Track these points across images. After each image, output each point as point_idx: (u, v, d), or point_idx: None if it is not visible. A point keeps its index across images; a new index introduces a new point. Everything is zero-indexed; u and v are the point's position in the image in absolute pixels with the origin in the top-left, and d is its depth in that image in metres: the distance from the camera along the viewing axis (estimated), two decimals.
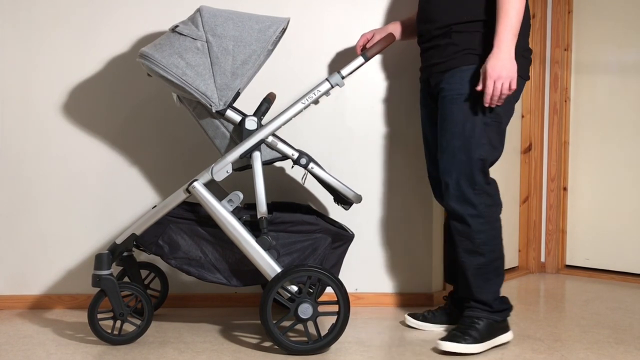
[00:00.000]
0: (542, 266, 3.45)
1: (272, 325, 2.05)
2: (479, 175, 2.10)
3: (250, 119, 2.13)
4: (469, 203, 2.10)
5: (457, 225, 2.14)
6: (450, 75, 2.11)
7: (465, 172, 2.09)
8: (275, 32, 2.09)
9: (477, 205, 2.10)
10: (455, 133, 2.09)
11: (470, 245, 2.13)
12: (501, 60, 1.98)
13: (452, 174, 2.11)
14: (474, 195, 2.10)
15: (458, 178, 2.10)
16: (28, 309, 2.60)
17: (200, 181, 2.11)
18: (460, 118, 2.08)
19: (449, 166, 2.11)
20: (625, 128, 3.25)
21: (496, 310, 2.16)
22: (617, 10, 3.26)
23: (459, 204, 2.11)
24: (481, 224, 2.11)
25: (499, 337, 2.16)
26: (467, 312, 2.18)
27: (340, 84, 2.16)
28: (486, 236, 2.12)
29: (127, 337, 2.16)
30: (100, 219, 2.60)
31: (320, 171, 2.17)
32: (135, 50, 2.57)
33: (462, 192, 2.10)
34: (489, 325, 2.14)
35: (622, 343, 2.22)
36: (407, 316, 2.42)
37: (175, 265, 2.16)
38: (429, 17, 2.18)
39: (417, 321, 2.38)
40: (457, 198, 2.11)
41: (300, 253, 2.16)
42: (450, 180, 2.11)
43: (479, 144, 2.09)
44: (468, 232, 2.11)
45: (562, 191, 3.43)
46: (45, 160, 2.59)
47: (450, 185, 2.12)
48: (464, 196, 2.10)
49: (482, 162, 2.11)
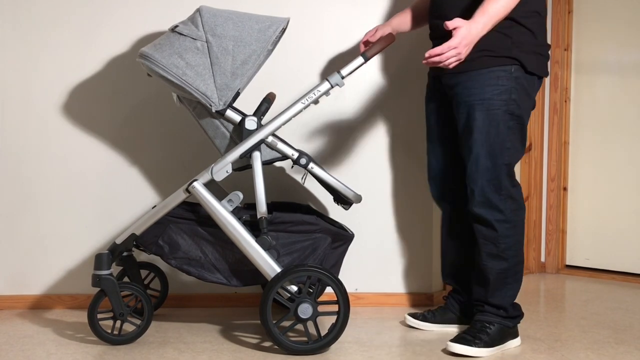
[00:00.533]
0: (542, 266, 3.45)
1: (272, 325, 2.05)
2: (505, 179, 2.08)
3: (250, 119, 2.13)
4: (496, 208, 2.07)
5: (483, 230, 2.11)
6: (467, 78, 2.06)
7: (490, 178, 2.07)
8: (275, 32, 2.09)
9: (504, 210, 2.08)
10: (478, 140, 2.06)
11: (494, 250, 2.10)
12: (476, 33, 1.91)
13: (477, 181, 2.08)
14: (500, 200, 2.07)
15: (483, 184, 2.07)
16: (28, 309, 2.60)
17: (200, 181, 2.11)
18: (483, 125, 2.04)
19: (473, 173, 2.08)
20: (625, 128, 3.25)
21: (510, 316, 2.15)
22: (617, 10, 3.26)
23: (484, 209, 2.08)
24: (507, 228, 2.09)
25: (508, 342, 2.16)
26: (478, 315, 2.16)
27: (340, 84, 2.16)
28: (511, 241, 2.10)
29: (127, 337, 2.16)
30: (100, 219, 2.60)
31: (320, 171, 2.17)
32: (135, 50, 2.57)
33: (488, 198, 2.07)
34: (500, 330, 2.13)
35: (622, 343, 2.22)
36: (407, 316, 2.42)
37: (175, 265, 2.16)
38: (442, 12, 2.11)
39: (417, 320, 2.38)
40: (482, 204, 2.08)
41: (300, 253, 2.16)
42: (475, 187, 2.08)
43: (503, 149, 2.06)
44: (494, 236, 2.09)
45: (562, 191, 3.43)
46: (46, 160, 2.59)
47: (475, 192, 2.08)
48: (490, 202, 2.07)
49: (507, 167, 2.08)
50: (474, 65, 2.04)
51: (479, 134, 2.06)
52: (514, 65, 2.03)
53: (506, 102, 2.03)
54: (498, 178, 2.07)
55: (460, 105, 2.10)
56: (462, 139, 2.12)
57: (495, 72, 2.03)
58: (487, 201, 2.07)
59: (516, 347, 2.18)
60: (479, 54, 2.02)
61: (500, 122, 2.04)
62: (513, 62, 2.03)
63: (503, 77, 2.03)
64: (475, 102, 2.05)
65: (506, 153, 2.07)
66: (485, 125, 2.05)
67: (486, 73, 2.03)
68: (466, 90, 2.07)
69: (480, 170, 2.07)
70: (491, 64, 2.03)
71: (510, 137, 2.06)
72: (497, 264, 2.11)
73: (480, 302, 2.17)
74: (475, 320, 2.16)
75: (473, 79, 2.05)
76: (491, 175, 2.07)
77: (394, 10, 2.61)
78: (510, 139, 2.07)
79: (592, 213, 3.36)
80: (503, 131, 2.05)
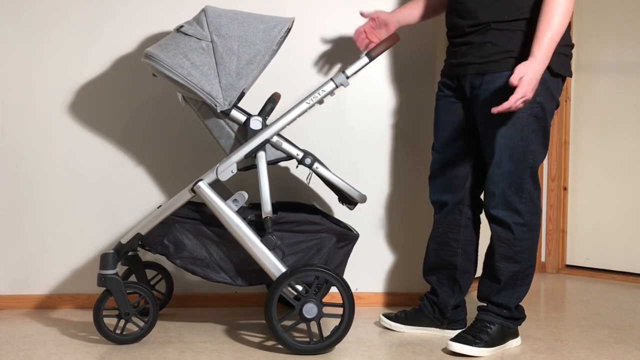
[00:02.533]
0: (543, 266, 3.46)
1: (277, 324, 2.05)
2: (528, 182, 2.06)
3: (255, 119, 2.13)
4: (515, 211, 2.06)
5: (500, 231, 2.09)
6: (490, 80, 2.02)
7: (513, 181, 2.04)
8: (280, 32, 2.09)
9: (524, 213, 2.07)
10: (502, 144, 2.03)
11: (509, 252, 2.09)
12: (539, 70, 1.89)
13: (498, 184, 2.06)
14: (521, 203, 2.06)
15: (504, 187, 2.05)
16: (29, 309, 2.59)
17: (205, 181, 2.12)
18: (507, 128, 2.01)
19: (495, 176, 2.06)
20: (625, 128, 3.27)
21: (512, 317, 2.15)
22: (617, 10, 3.27)
23: (504, 211, 2.06)
24: (524, 232, 2.08)
25: (509, 342, 2.16)
26: (481, 314, 2.16)
27: (345, 83, 2.16)
28: (527, 244, 2.09)
29: (132, 336, 2.15)
30: (103, 219, 2.60)
31: (324, 171, 2.17)
32: (138, 50, 2.57)
33: (508, 200, 2.05)
34: (501, 330, 2.13)
35: (622, 343, 2.23)
36: (381, 316, 2.40)
37: (180, 265, 2.16)
38: (464, 12, 2.06)
39: (390, 321, 2.36)
40: (502, 206, 2.06)
41: (305, 253, 2.16)
42: (497, 189, 2.06)
43: (527, 152, 2.03)
44: (510, 239, 2.08)
45: (562, 191, 3.44)
46: (47, 160, 2.58)
47: (496, 194, 2.06)
48: (510, 204, 2.06)
49: (531, 170, 2.06)
50: (499, 67, 2.01)
51: (502, 137, 2.03)
52: None
53: (531, 105, 1.99)
54: (520, 181, 2.05)
55: (483, 106, 2.05)
56: (485, 141, 2.08)
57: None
58: (507, 203, 2.06)
59: (517, 347, 2.19)
60: (504, 54, 1.99)
61: (525, 126, 2.01)
62: None
63: None
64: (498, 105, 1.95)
65: (530, 156, 2.04)
66: (509, 129, 2.01)
67: (509, 76, 1.92)
68: (490, 92, 2.02)
69: (502, 173, 2.05)
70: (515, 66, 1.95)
71: (533, 140, 2.03)
72: (510, 266, 2.10)
73: (485, 301, 2.17)
74: (477, 319, 2.16)
75: (497, 81, 2.01)
76: (513, 178, 2.05)
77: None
78: (534, 142, 2.03)
79: (592, 213, 3.37)
80: (527, 135, 2.02)
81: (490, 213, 2.10)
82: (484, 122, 2.07)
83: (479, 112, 2.09)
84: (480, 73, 2.04)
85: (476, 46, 2.03)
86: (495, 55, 1.98)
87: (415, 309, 2.38)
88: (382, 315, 2.41)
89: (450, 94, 2.21)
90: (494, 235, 2.12)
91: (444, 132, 2.24)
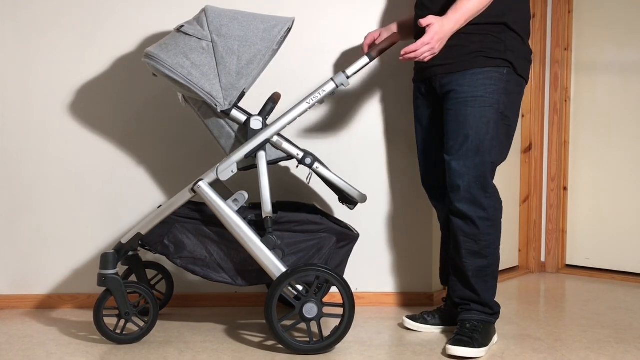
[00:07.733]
0: (542, 266, 3.46)
1: (277, 324, 2.05)
2: (490, 178, 2.11)
3: (256, 119, 2.13)
4: (480, 206, 2.10)
5: (464, 227, 2.12)
6: (461, 77, 2.09)
7: (478, 175, 2.09)
8: (280, 31, 2.09)
9: (488, 208, 2.10)
10: (468, 136, 2.08)
11: (475, 247, 2.13)
12: (449, 29, 1.97)
13: (464, 177, 2.09)
14: (486, 198, 2.10)
15: (470, 181, 2.09)
16: (29, 309, 2.59)
17: (206, 181, 2.12)
18: (473, 121, 2.07)
19: (461, 169, 2.09)
20: (625, 128, 3.27)
21: (494, 313, 2.19)
22: (617, 10, 3.27)
23: (468, 206, 2.10)
24: (489, 226, 2.12)
25: (493, 339, 2.18)
26: (465, 314, 2.17)
27: (345, 83, 2.17)
28: (492, 239, 2.14)
29: (132, 336, 2.16)
30: (104, 219, 2.60)
31: (325, 171, 2.18)
32: (137, 49, 2.57)
33: (473, 194, 2.09)
34: (486, 327, 2.15)
35: (622, 343, 2.23)
36: (405, 318, 2.40)
37: (180, 265, 2.16)
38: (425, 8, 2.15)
39: (417, 323, 2.36)
40: (467, 200, 2.10)
41: (305, 252, 2.16)
42: (462, 182, 2.09)
43: (492, 147, 2.09)
44: (475, 234, 2.11)
45: (562, 191, 3.44)
46: (47, 160, 2.58)
47: (461, 188, 2.10)
48: (475, 199, 2.09)
49: (492, 165, 2.12)
50: (468, 65, 2.08)
51: (468, 130, 2.08)
52: (507, 67, 2.08)
53: (497, 101, 2.07)
54: (485, 175, 2.09)
55: (451, 101, 2.12)
56: (452, 135, 2.12)
57: (488, 72, 2.07)
58: (472, 198, 2.09)
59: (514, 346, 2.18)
60: (473, 55, 2.07)
61: (491, 120, 2.07)
62: (506, 64, 2.08)
63: (496, 78, 2.07)
64: (467, 98, 2.08)
65: (494, 151, 2.10)
66: (476, 121, 2.07)
67: (480, 73, 2.07)
68: (459, 88, 2.09)
69: (467, 166, 2.09)
70: (485, 64, 2.07)
71: (498, 136, 2.10)
72: (477, 261, 2.13)
73: (466, 301, 2.18)
74: (464, 319, 2.16)
75: (467, 78, 2.08)
76: (479, 172, 2.09)
77: (395, 10, 2.61)
78: (499, 137, 2.10)
79: (592, 213, 3.37)
80: (492, 129, 2.08)
81: (454, 207, 2.13)
82: (452, 116, 2.11)
83: (450, 108, 2.13)
84: (449, 72, 2.11)
85: (445, 49, 2.06)
86: (465, 55, 2.07)
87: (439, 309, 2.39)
88: (405, 317, 2.39)
89: (422, 97, 2.29)
90: (457, 231, 2.14)
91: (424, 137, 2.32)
